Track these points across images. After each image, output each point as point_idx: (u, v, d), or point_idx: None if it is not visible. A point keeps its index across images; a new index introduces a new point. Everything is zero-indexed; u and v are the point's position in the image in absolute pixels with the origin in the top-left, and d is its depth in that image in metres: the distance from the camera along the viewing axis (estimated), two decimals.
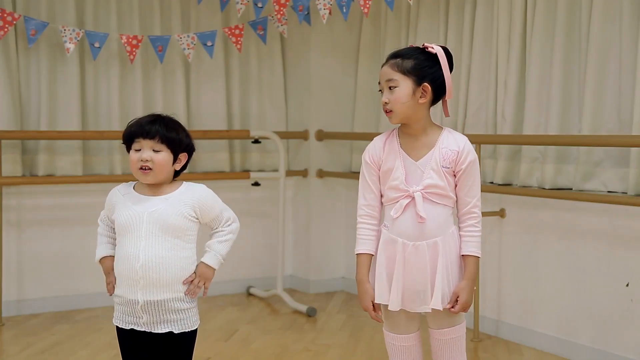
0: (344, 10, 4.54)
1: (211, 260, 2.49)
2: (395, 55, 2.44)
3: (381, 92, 2.44)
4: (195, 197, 2.45)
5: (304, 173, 5.34)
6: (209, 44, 4.89)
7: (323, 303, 4.98)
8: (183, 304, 2.44)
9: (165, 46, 4.82)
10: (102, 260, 2.53)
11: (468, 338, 2.60)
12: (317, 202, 5.33)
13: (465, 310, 2.47)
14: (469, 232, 2.46)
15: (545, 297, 3.97)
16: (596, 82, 3.71)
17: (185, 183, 2.50)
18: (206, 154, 5.15)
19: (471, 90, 4.35)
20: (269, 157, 5.36)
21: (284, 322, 4.53)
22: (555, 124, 3.90)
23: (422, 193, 2.41)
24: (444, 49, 2.45)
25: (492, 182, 4.25)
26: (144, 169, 2.41)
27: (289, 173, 5.23)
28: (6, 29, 4.40)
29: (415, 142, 2.45)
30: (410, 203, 2.42)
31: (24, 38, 4.58)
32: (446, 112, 2.50)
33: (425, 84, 2.39)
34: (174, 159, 2.45)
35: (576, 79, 3.89)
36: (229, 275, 5.04)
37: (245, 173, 5.14)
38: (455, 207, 2.48)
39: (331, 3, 4.53)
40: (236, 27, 4.96)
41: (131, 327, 2.45)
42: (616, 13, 3.66)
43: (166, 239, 2.40)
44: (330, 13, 4.58)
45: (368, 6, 4.35)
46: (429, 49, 2.43)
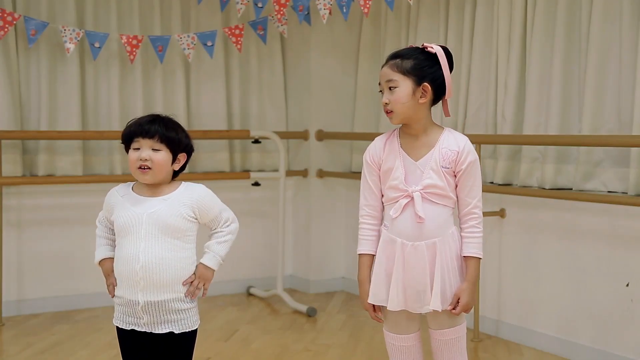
0: (344, 10, 4.54)
1: (210, 262, 2.49)
2: (395, 55, 2.44)
3: (381, 93, 2.45)
4: (194, 197, 2.44)
5: (304, 173, 5.34)
6: (209, 44, 4.89)
7: (323, 303, 4.97)
8: (183, 304, 2.44)
9: (166, 46, 4.82)
10: (102, 262, 2.52)
11: (468, 338, 2.60)
12: (317, 202, 5.33)
13: (467, 312, 2.47)
14: (470, 233, 2.46)
15: (545, 297, 3.97)
16: (596, 82, 3.71)
17: (184, 183, 2.49)
18: (206, 154, 5.15)
19: (471, 90, 4.35)
20: (269, 157, 5.36)
21: (284, 322, 4.53)
22: (555, 124, 3.90)
23: (421, 193, 2.41)
24: (444, 48, 2.45)
25: (492, 182, 4.25)
26: (142, 168, 2.40)
27: (289, 173, 5.23)
28: (6, 29, 4.40)
29: (415, 142, 2.45)
30: (410, 203, 2.41)
31: (24, 38, 4.58)
32: (446, 112, 2.50)
33: (425, 83, 2.39)
34: (173, 159, 2.44)
35: (576, 79, 3.89)
36: (229, 275, 5.04)
37: (246, 173, 5.14)
38: (455, 208, 2.48)
39: (331, 3, 4.53)
40: (236, 27, 4.96)
41: (132, 327, 2.45)
42: (616, 13, 3.66)
43: (166, 240, 2.40)
44: (330, 13, 4.58)
45: (368, 6, 4.34)
46: (428, 48, 2.43)
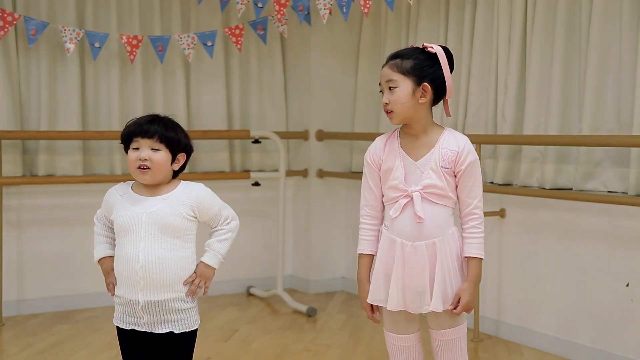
0: (344, 10, 4.54)
1: (211, 260, 2.49)
2: (395, 55, 2.44)
3: (382, 93, 2.45)
4: (193, 196, 2.44)
5: (304, 173, 5.34)
6: (209, 44, 4.89)
7: (323, 303, 4.98)
8: (183, 303, 2.44)
9: (166, 46, 4.82)
10: (101, 261, 2.52)
11: (468, 338, 2.60)
12: (317, 202, 5.33)
13: (468, 312, 2.47)
14: (471, 234, 2.45)
15: (545, 297, 3.97)
16: (596, 82, 3.71)
17: (183, 182, 2.49)
18: (206, 154, 5.15)
19: (471, 90, 4.35)
20: (269, 157, 5.36)
21: (284, 322, 4.53)
22: (555, 124, 3.90)
23: (420, 193, 2.41)
24: (444, 48, 2.45)
25: (492, 182, 4.25)
26: (142, 168, 2.40)
27: (289, 173, 5.22)
28: (6, 29, 4.40)
29: (415, 142, 2.45)
30: (409, 203, 2.41)
31: (24, 38, 4.58)
32: (447, 112, 2.50)
33: (425, 83, 2.39)
34: (173, 159, 2.44)
35: (576, 79, 3.89)
36: (229, 275, 5.04)
37: (246, 173, 5.14)
38: (456, 208, 2.48)
39: (331, 3, 4.53)
40: (236, 27, 4.95)
41: (132, 327, 2.45)
42: (616, 13, 3.66)
43: (165, 240, 2.40)
44: (330, 13, 4.58)
45: (368, 6, 4.34)
46: (428, 48, 2.43)
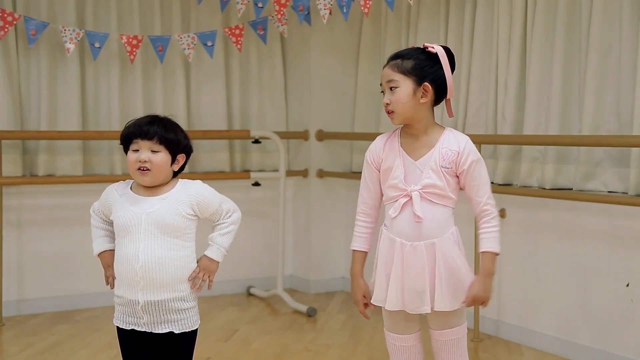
0: (344, 10, 4.54)
1: (215, 254, 2.49)
2: (396, 56, 2.44)
3: (383, 94, 2.44)
4: (192, 194, 2.44)
5: (304, 173, 5.34)
6: (209, 44, 4.89)
7: (323, 303, 4.98)
8: (183, 303, 2.44)
9: (166, 46, 4.82)
10: (101, 255, 2.53)
11: (468, 338, 2.60)
12: (317, 202, 5.33)
13: (481, 305, 2.44)
14: (484, 229, 2.44)
15: (545, 297, 3.97)
16: (596, 82, 3.71)
17: (181, 181, 2.49)
18: (206, 154, 5.15)
19: (471, 90, 4.35)
20: (269, 157, 5.36)
21: (284, 322, 4.53)
22: (556, 124, 3.90)
23: (420, 192, 2.40)
24: (445, 48, 2.45)
25: (492, 182, 4.21)
26: (142, 169, 2.40)
27: (289, 173, 5.22)
28: (6, 29, 4.40)
29: (416, 142, 2.44)
30: (408, 202, 2.41)
31: (24, 38, 4.58)
32: (450, 112, 2.50)
33: (426, 83, 2.39)
34: (172, 160, 2.44)
35: (576, 79, 3.89)
36: (229, 275, 5.04)
37: (246, 173, 5.14)
38: (456, 208, 2.48)
39: (331, 3, 4.53)
40: (236, 27, 4.95)
41: (132, 327, 2.45)
42: (616, 13, 3.66)
43: (165, 239, 2.40)
44: (330, 13, 4.58)
45: (368, 6, 4.34)
46: (429, 49, 2.43)
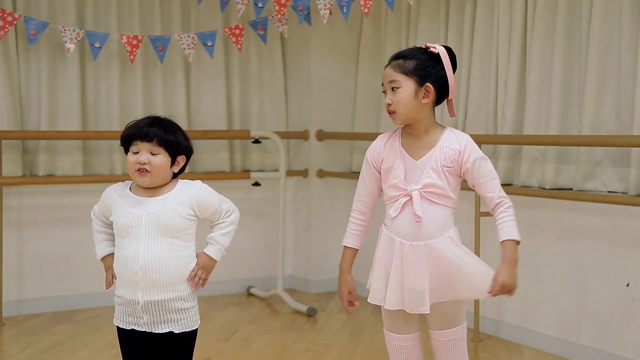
0: (345, 10, 4.54)
1: (215, 253, 2.49)
2: (398, 56, 2.43)
3: (385, 94, 2.44)
4: (192, 195, 2.44)
5: (304, 173, 5.34)
6: (209, 43, 4.89)
7: (323, 303, 4.98)
8: (183, 303, 2.44)
9: (166, 46, 4.82)
10: (104, 259, 2.53)
11: (468, 338, 2.60)
12: (318, 202, 5.33)
13: (508, 293, 2.41)
14: (502, 219, 2.45)
15: (545, 297, 3.97)
16: (596, 82, 3.71)
17: (181, 181, 2.49)
18: (206, 154, 5.15)
19: (471, 90, 4.35)
20: (269, 157, 5.36)
21: (284, 322, 4.53)
22: (556, 124, 3.90)
23: (420, 192, 2.40)
24: (447, 48, 2.46)
25: None
26: (141, 171, 2.40)
27: (289, 173, 5.22)
28: (6, 29, 4.40)
29: (417, 141, 2.44)
30: (409, 202, 2.41)
31: (24, 38, 4.58)
32: (451, 112, 2.50)
33: (428, 84, 2.39)
34: (172, 162, 2.44)
35: (576, 79, 3.89)
36: (229, 275, 5.04)
37: (246, 173, 5.14)
38: (456, 208, 2.48)
39: (331, 3, 4.53)
40: (236, 27, 4.95)
41: (132, 327, 2.45)
42: (616, 13, 3.66)
43: (165, 240, 2.40)
44: (330, 13, 4.58)
45: (368, 6, 4.34)
46: (431, 49, 2.43)
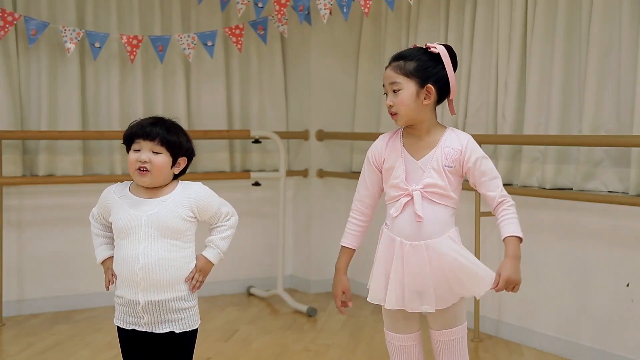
0: (345, 10, 4.54)
1: (214, 257, 2.49)
2: (398, 57, 2.43)
3: (386, 95, 2.44)
4: (191, 197, 2.44)
5: (304, 173, 5.34)
6: (210, 43, 4.89)
7: (323, 303, 4.98)
8: (184, 303, 2.44)
9: (166, 46, 4.82)
10: (104, 262, 2.53)
11: (468, 338, 2.60)
12: (318, 202, 5.33)
13: (512, 289, 2.41)
14: (504, 216, 2.45)
15: (545, 297, 3.97)
16: (596, 82, 3.71)
17: (181, 183, 2.49)
18: (206, 154, 5.15)
19: (471, 90, 4.35)
20: (269, 157, 5.36)
21: (284, 322, 4.53)
22: (556, 124, 3.91)
23: (421, 192, 2.40)
24: (447, 47, 2.45)
25: None
26: (141, 169, 2.40)
27: (290, 173, 5.22)
28: (6, 29, 4.40)
29: (418, 142, 2.44)
30: (410, 202, 2.41)
31: (24, 38, 4.58)
32: (452, 110, 2.50)
33: (429, 85, 2.38)
34: (173, 162, 2.44)
35: (576, 79, 3.89)
36: (229, 275, 5.04)
37: (246, 173, 5.14)
38: (457, 208, 2.48)
39: (332, 3, 4.53)
40: (236, 27, 4.95)
41: (132, 327, 2.45)
42: (616, 13, 3.67)
43: (165, 241, 2.40)
44: (330, 13, 4.58)
45: (368, 6, 4.34)
46: (431, 49, 2.43)
